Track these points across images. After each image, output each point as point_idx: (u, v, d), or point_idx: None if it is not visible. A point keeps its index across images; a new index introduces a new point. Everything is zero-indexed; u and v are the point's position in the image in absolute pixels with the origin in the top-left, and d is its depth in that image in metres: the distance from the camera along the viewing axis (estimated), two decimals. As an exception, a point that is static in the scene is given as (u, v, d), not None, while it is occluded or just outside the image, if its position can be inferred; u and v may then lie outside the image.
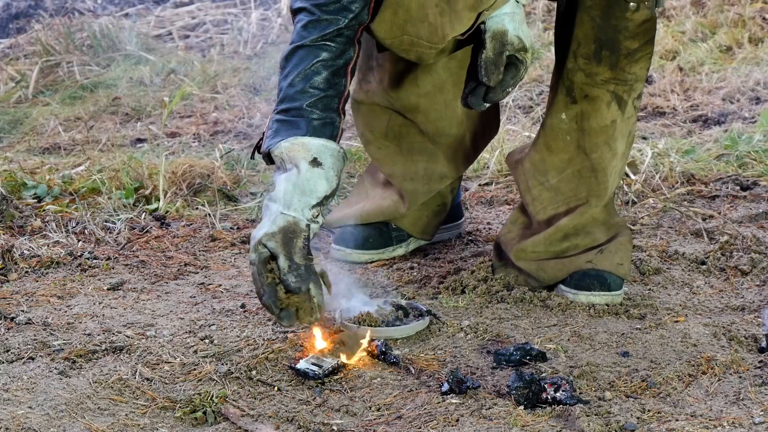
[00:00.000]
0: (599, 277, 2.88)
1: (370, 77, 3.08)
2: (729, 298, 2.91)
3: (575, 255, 2.92)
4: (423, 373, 2.52)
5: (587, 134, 2.84)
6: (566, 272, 2.91)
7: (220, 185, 3.73)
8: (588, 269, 2.89)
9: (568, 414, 2.30)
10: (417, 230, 3.21)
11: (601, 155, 2.86)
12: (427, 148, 3.12)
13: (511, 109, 4.66)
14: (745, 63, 4.98)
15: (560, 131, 2.87)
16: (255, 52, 5.80)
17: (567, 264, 2.91)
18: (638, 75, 2.82)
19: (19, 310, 2.84)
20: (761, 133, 4.05)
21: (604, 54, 2.78)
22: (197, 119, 4.80)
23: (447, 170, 3.14)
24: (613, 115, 2.83)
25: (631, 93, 2.83)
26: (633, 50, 2.79)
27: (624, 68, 2.80)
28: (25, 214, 3.51)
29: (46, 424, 2.29)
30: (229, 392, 2.42)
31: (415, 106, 3.05)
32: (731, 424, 2.26)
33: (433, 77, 3.01)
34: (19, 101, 5.16)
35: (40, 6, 6.39)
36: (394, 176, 3.16)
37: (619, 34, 2.77)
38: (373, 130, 3.13)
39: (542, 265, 2.93)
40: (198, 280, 3.05)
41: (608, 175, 2.88)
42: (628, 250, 2.93)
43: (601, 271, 2.88)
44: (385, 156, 3.15)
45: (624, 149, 2.90)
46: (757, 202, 3.58)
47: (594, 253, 2.90)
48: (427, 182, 3.14)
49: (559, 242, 2.92)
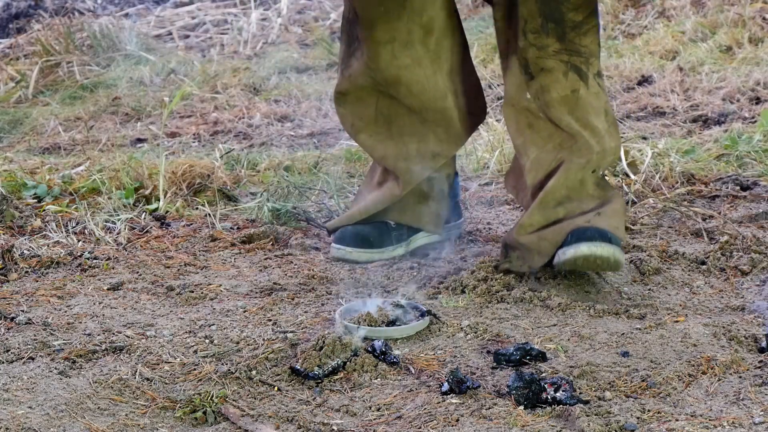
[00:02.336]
0: (599, 231, 2.90)
1: (352, 61, 3.12)
2: (729, 298, 2.91)
3: (572, 218, 2.95)
4: (423, 373, 2.52)
5: (551, 106, 2.92)
6: (564, 234, 2.93)
7: (220, 185, 3.73)
8: (584, 225, 2.93)
9: (568, 414, 2.30)
10: (421, 221, 3.21)
11: (569, 123, 2.92)
12: (418, 130, 3.14)
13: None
14: (745, 63, 4.98)
15: (530, 111, 2.95)
16: (255, 52, 5.81)
17: (565, 227, 2.94)
18: (591, 49, 2.91)
19: (19, 310, 2.84)
20: (761, 133, 4.05)
21: (550, 26, 2.88)
22: (197, 119, 4.80)
23: (439, 148, 3.16)
24: (573, 85, 2.90)
25: (589, 66, 2.92)
26: (578, 22, 2.89)
27: (573, 40, 2.90)
28: (25, 214, 3.51)
29: (46, 424, 2.29)
30: (229, 392, 2.42)
31: (396, 77, 3.08)
32: (731, 424, 2.26)
33: (410, 51, 3.05)
34: (19, 101, 5.17)
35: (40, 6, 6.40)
36: (387, 158, 3.17)
37: (562, 6, 2.87)
38: (363, 117, 3.16)
39: (542, 234, 2.96)
40: (198, 280, 3.05)
41: (587, 137, 2.93)
42: (622, 217, 2.98)
43: (600, 228, 2.92)
44: (377, 142, 3.17)
45: (606, 126, 2.95)
46: (757, 202, 3.58)
47: (591, 215, 2.94)
48: (420, 161, 3.16)
49: (553, 210, 2.96)
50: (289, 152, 4.28)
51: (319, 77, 5.37)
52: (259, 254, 3.24)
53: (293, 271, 3.11)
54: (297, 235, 3.37)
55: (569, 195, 2.96)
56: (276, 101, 5.02)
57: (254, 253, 3.26)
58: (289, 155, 4.17)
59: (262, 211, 3.53)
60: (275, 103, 4.99)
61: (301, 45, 5.90)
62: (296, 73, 5.43)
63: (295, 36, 6.02)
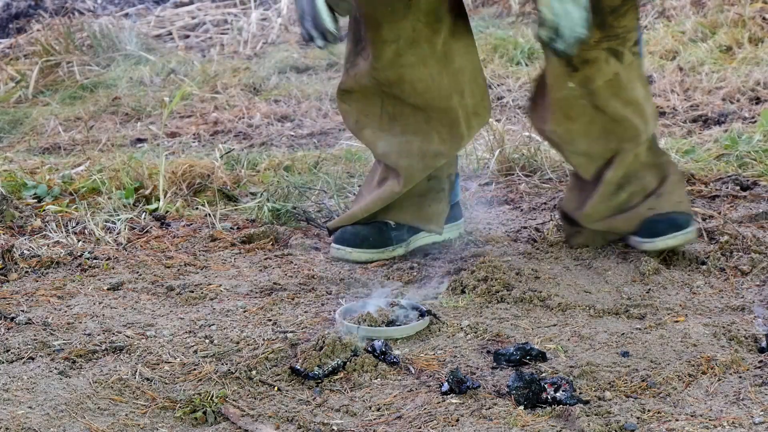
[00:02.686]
0: (668, 220, 3.06)
1: (359, 60, 3.14)
2: (729, 298, 2.91)
3: (636, 206, 3.10)
4: (423, 373, 2.52)
5: (596, 93, 3.00)
6: (633, 224, 3.11)
7: (220, 185, 3.73)
8: (652, 216, 3.07)
9: (568, 414, 2.30)
10: (422, 221, 3.22)
11: (614, 107, 3.02)
12: (421, 128, 3.15)
13: (511, 108, 4.66)
14: (745, 63, 4.98)
15: (572, 98, 3.02)
16: (255, 52, 5.80)
17: (632, 217, 3.10)
18: (628, 26, 2.99)
19: (19, 310, 2.84)
20: (761, 133, 4.05)
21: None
22: (197, 119, 4.80)
23: (442, 148, 3.17)
24: (614, 69, 2.99)
25: (626, 43, 2.99)
26: (616, 6, 2.94)
27: (612, 24, 2.96)
28: (25, 214, 3.51)
29: (46, 424, 2.29)
30: (229, 392, 2.42)
31: (401, 76, 3.10)
32: (731, 424, 2.26)
33: (416, 50, 3.07)
34: (19, 101, 5.17)
35: (40, 6, 6.39)
36: (389, 155, 3.17)
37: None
38: (368, 114, 3.18)
39: (610, 223, 3.13)
40: (198, 280, 3.05)
41: (633, 120, 3.04)
42: (682, 187, 3.15)
43: (666, 214, 3.05)
44: (380, 138, 3.18)
45: (643, 93, 3.06)
46: (757, 202, 3.58)
47: (652, 199, 3.09)
48: (422, 159, 3.17)
49: (615, 195, 3.11)
50: (289, 152, 4.28)
51: (319, 77, 5.36)
52: (259, 254, 3.24)
53: (293, 271, 3.11)
54: (297, 235, 3.37)
55: (626, 174, 3.09)
56: (276, 101, 5.02)
57: (254, 253, 3.26)
58: (289, 155, 4.16)
59: (262, 211, 3.53)
60: (275, 103, 4.99)
61: (301, 45, 5.90)
62: (296, 73, 5.43)
63: (295, 36, 6.02)
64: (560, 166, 3.89)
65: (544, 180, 3.83)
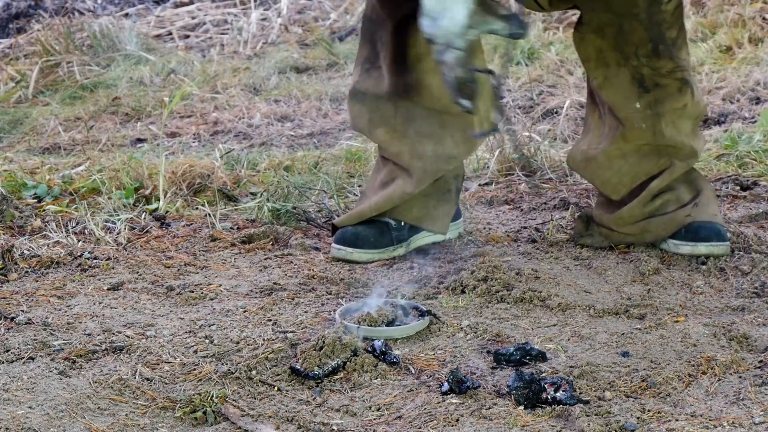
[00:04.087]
0: (711, 227, 3.13)
1: (378, 62, 3.15)
2: (729, 298, 2.91)
3: (671, 212, 3.15)
4: (423, 373, 2.52)
5: (662, 116, 3.08)
6: (670, 229, 3.15)
7: (220, 185, 3.73)
8: (693, 222, 3.14)
9: (568, 414, 2.30)
10: (427, 221, 3.22)
11: (671, 134, 3.10)
12: (435, 132, 3.16)
13: (511, 109, 4.66)
14: (745, 63, 4.98)
15: (635, 120, 3.09)
16: (255, 52, 5.80)
17: (668, 222, 3.15)
18: (687, 60, 3.10)
19: (19, 310, 2.84)
20: (761, 133, 4.05)
21: (660, 48, 3.03)
22: (197, 119, 4.80)
23: (455, 151, 3.19)
24: (685, 100, 3.09)
25: (691, 77, 3.10)
26: (674, 38, 3.05)
27: (678, 56, 3.06)
28: (25, 214, 3.51)
29: (46, 424, 2.29)
30: (229, 392, 2.42)
31: (420, 81, 3.11)
32: (731, 424, 2.26)
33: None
34: (19, 101, 5.17)
35: (40, 6, 6.40)
36: (402, 155, 3.18)
37: (662, 27, 3.02)
38: (383, 114, 3.18)
39: (644, 226, 3.17)
40: (198, 280, 3.05)
41: (685, 143, 3.11)
42: (716, 202, 3.22)
43: (707, 222, 3.14)
44: (393, 139, 3.18)
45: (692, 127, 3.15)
46: (757, 202, 3.58)
47: (689, 207, 3.15)
48: (435, 162, 3.18)
49: (651, 202, 3.15)
50: (289, 152, 4.28)
51: (319, 77, 5.37)
52: (259, 254, 3.24)
53: (293, 271, 3.11)
54: (297, 235, 3.37)
55: (664, 189, 3.15)
56: (276, 101, 5.02)
57: (254, 253, 3.26)
58: (289, 155, 4.17)
59: (262, 211, 3.53)
60: (275, 103, 4.99)
61: (301, 45, 5.91)
62: (296, 73, 5.43)
63: (295, 36, 6.02)
64: (560, 167, 3.89)
65: (544, 180, 3.83)
